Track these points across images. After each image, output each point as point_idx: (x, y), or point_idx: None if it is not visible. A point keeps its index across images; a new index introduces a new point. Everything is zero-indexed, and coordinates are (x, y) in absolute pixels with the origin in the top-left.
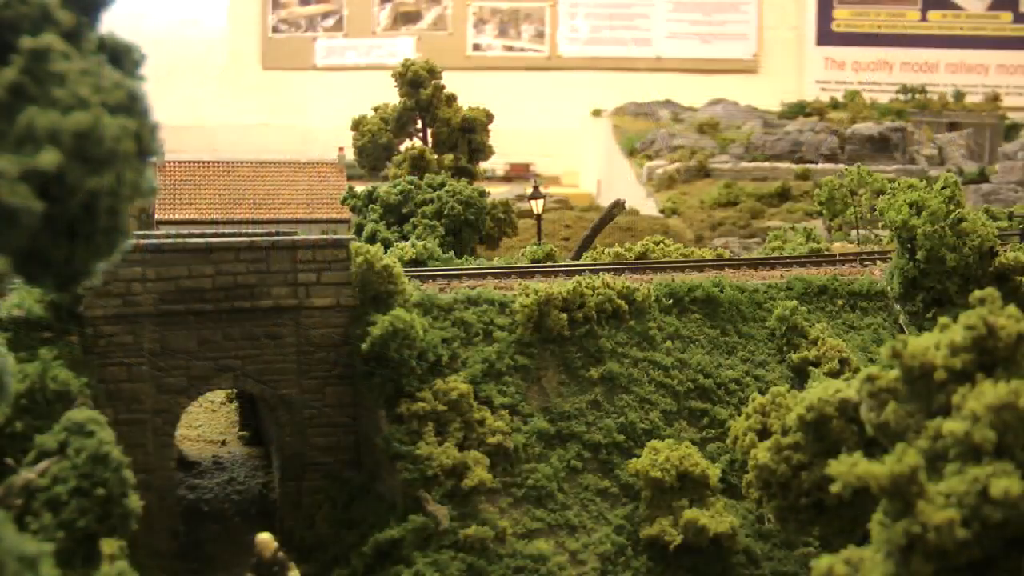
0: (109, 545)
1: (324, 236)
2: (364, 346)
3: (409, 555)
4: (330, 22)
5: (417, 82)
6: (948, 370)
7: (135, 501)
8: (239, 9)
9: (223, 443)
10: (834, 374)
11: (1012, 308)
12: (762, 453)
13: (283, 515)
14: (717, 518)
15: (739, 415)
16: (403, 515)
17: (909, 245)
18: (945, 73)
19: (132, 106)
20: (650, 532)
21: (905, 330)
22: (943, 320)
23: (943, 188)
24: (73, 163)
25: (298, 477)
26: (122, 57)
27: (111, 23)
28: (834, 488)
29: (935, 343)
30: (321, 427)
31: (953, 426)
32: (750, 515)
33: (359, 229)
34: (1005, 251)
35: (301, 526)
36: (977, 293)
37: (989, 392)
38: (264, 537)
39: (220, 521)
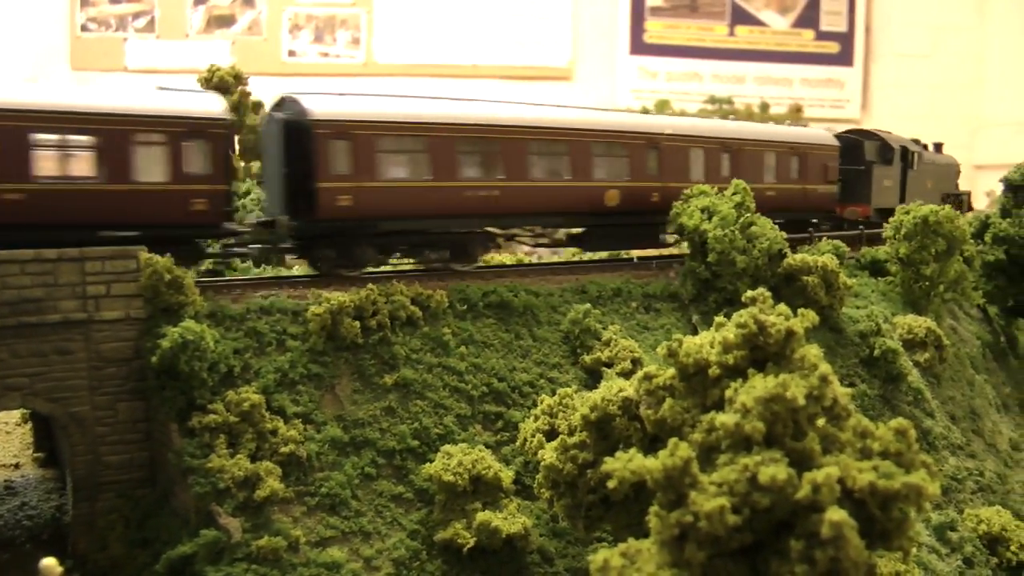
0: None
1: (113, 247)
2: (154, 359)
3: (202, 570)
4: (142, 23)
5: (223, 88)
6: (722, 366)
7: None
8: (47, 5)
9: (16, 466)
10: (626, 374)
11: (782, 306)
12: (549, 453)
13: (76, 538)
14: (510, 519)
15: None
16: (195, 530)
17: (701, 248)
18: (753, 84)
19: None
20: (444, 536)
21: (698, 329)
22: (718, 319)
23: (734, 194)
24: None
25: (91, 498)
26: None
27: None
28: (611, 484)
29: (710, 341)
30: (114, 444)
31: (725, 419)
32: (544, 515)
33: None
34: (793, 253)
35: (94, 548)
36: (749, 293)
37: (759, 385)
38: (48, 563)
39: (10, 548)
